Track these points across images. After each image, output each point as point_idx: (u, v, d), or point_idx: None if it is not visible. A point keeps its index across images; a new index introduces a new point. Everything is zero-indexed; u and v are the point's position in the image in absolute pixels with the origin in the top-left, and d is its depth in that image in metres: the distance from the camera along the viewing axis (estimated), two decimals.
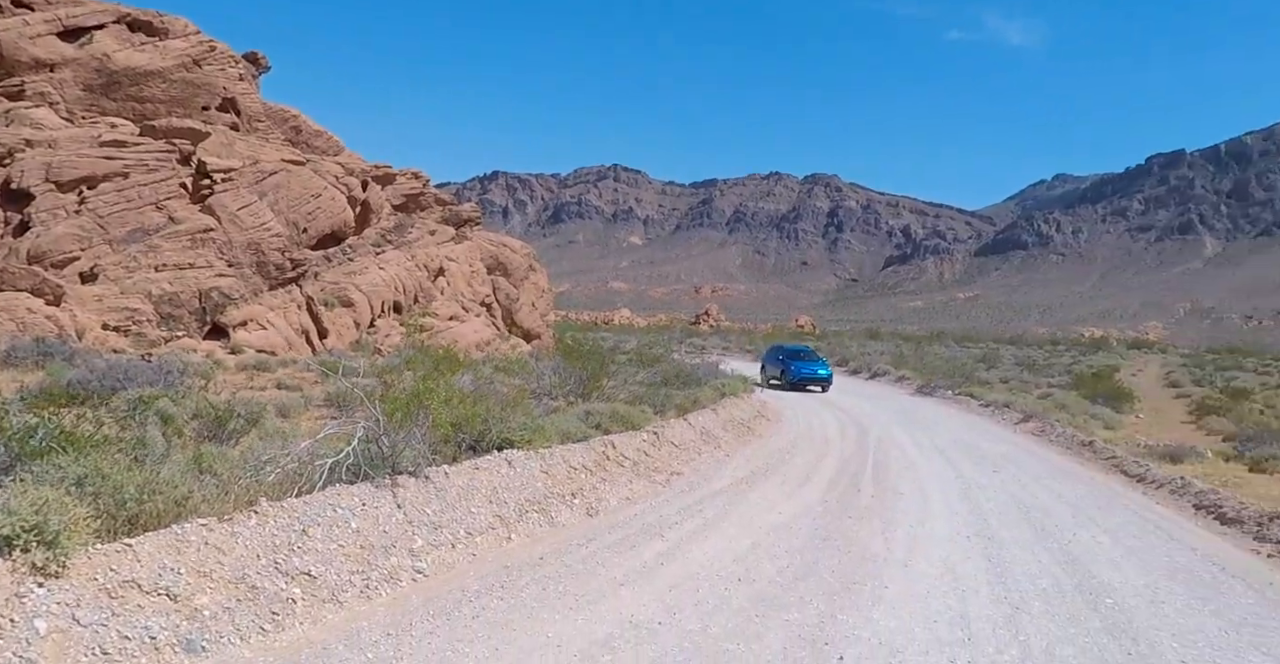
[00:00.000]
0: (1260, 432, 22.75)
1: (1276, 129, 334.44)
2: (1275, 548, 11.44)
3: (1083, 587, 8.49)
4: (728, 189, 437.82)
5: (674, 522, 9.76)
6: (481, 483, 8.73)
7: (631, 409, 16.01)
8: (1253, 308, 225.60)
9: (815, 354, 37.78)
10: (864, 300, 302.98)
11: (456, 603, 6.19)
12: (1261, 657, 6.79)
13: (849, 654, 5.96)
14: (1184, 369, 47.65)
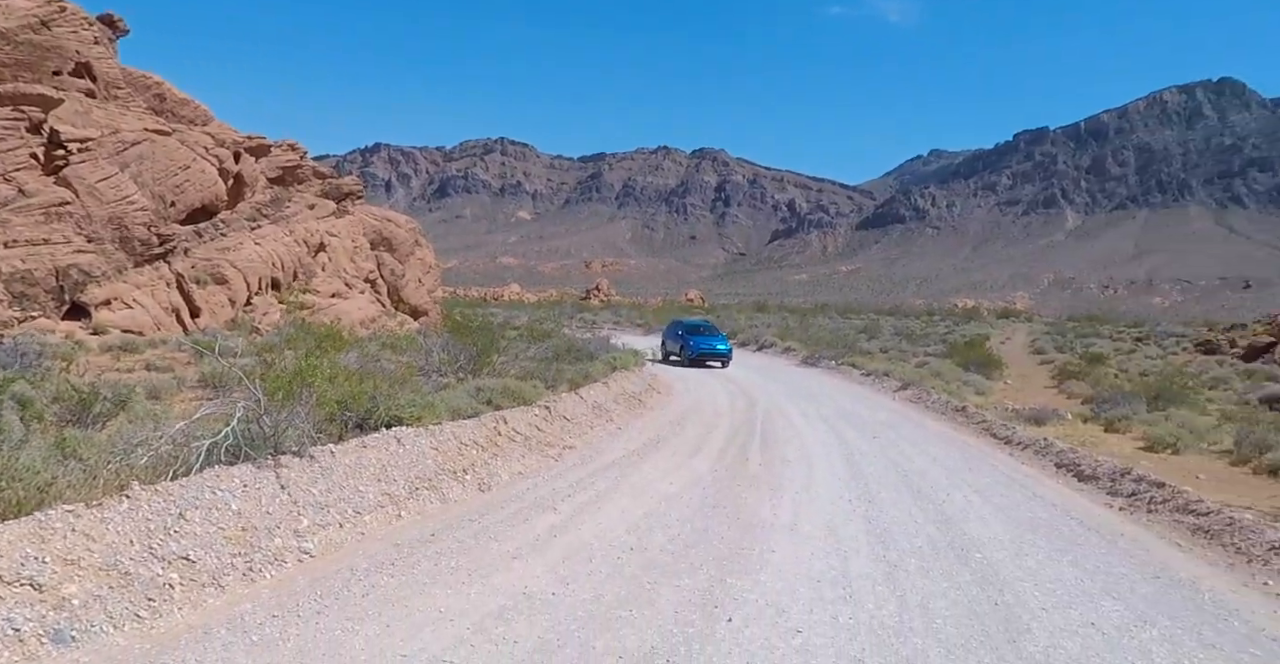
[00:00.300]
0: (1114, 394, 24.35)
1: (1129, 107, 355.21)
2: (1126, 501, 12.32)
3: (955, 543, 8.96)
4: (616, 163, 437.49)
5: (567, 494, 9.81)
6: (370, 461, 8.57)
7: (523, 384, 15.95)
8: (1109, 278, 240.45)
9: (715, 329, 36.83)
10: (751, 274, 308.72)
11: (345, 582, 6.08)
12: (1112, 601, 7.32)
13: (737, 615, 6.15)
14: (1048, 337, 50.50)
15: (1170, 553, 9.50)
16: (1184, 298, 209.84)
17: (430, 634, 5.27)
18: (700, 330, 35.17)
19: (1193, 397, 25.06)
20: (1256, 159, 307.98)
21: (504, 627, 5.50)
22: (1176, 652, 6.15)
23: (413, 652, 4.99)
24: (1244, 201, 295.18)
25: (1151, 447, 18.19)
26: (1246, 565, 9.00)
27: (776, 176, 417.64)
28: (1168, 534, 10.46)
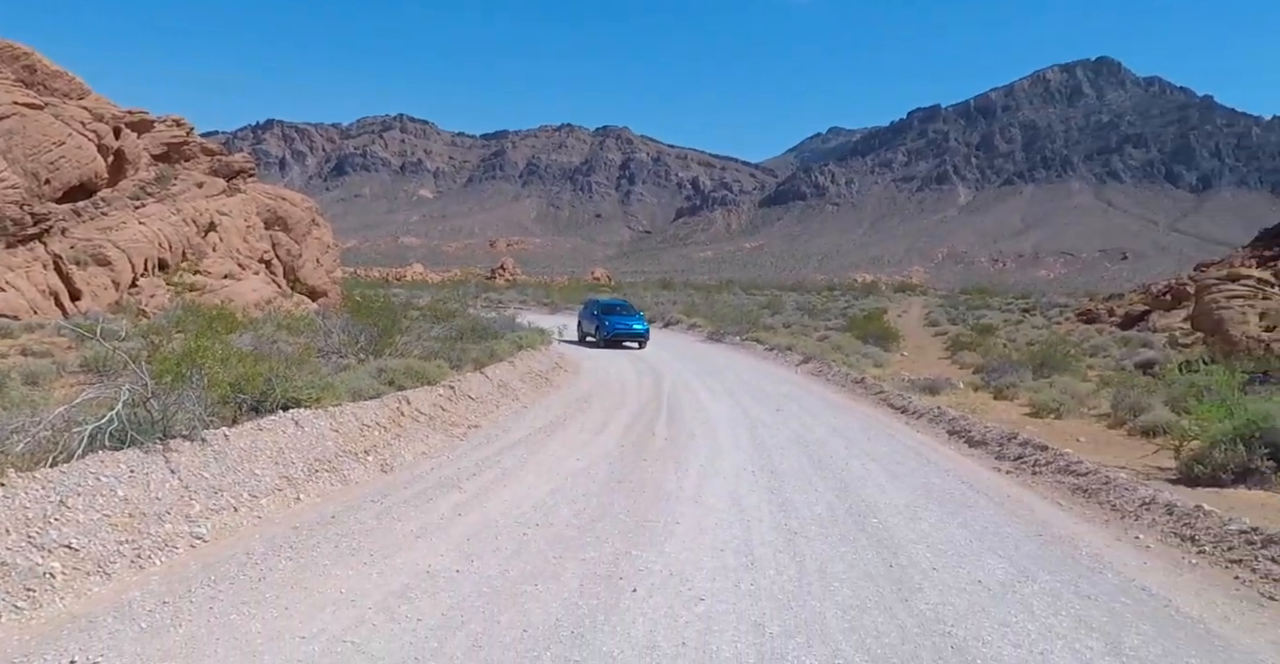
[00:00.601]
0: (1002, 363, 25.44)
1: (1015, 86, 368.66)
2: (1012, 465, 12.94)
3: (853, 510, 9.26)
4: (520, 141, 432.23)
5: (472, 473, 9.75)
6: (266, 444, 8.33)
7: (426, 364, 15.72)
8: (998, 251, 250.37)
9: (631, 308, 35.99)
10: (657, 252, 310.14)
11: (241, 566, 5.92)
12: (998, 559, 7.69)
13: (641, 586, 6.24)
14: (942, 310, 52.35)
15: (1052, 512, 10.02)
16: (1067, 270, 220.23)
17: (330, 615, 5.19)
18: (616, 310, 34.24)
19: (1074, 364, 26.37)
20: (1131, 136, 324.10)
21: (407, 605, 5.46)
22: (1055, 604, 6.51)
23: (312, 633, 4.91)
24: (1121, 176, 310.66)
25: (1037, 412, 19.10)
26: (1120, 521, 9.58)
27: (680, 154, 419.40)
28: (1050, 494, 11.03)
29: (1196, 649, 5.72)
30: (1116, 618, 6.26)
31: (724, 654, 5.08)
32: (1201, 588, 7.24)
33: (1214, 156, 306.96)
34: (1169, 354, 28.36)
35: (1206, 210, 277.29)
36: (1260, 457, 11.48)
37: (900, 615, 6.00)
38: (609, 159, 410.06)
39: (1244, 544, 8.11)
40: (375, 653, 4.72)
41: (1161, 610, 6.53)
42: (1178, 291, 42.59)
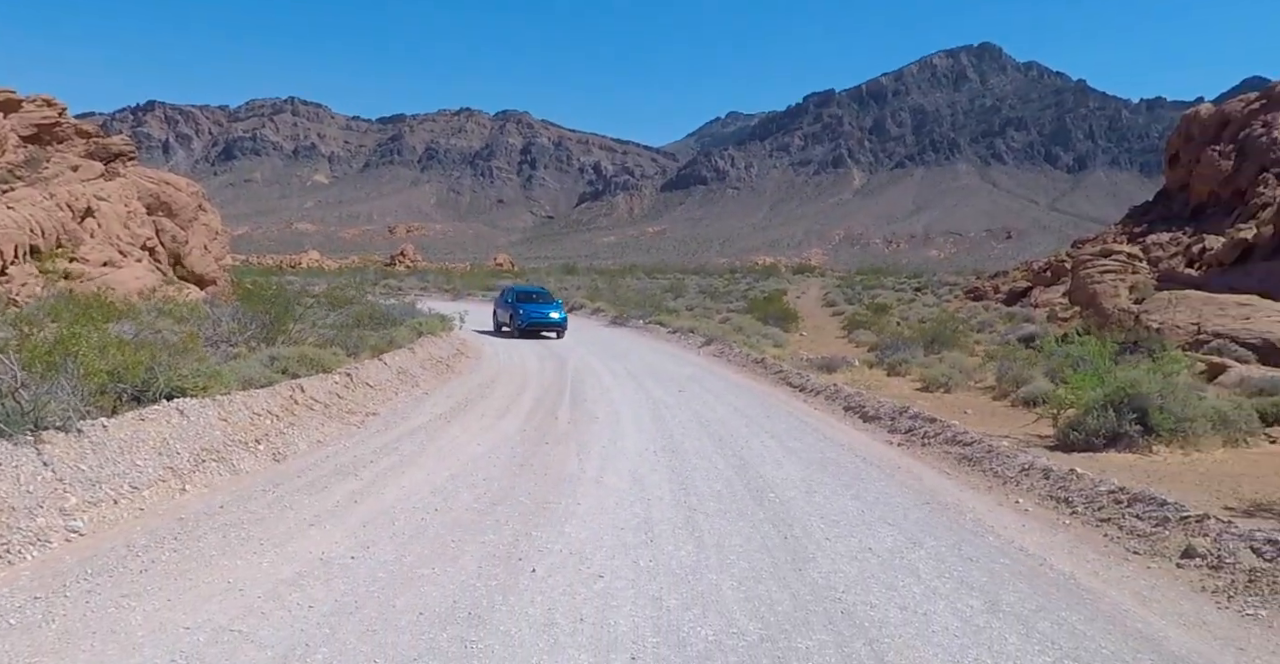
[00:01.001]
0: (895, 341, 26.29)
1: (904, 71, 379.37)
2: (904, 437, 13.41)
3: (751, 486, 9.45)
4: (418, 125, 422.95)
5: (369, 461, 9.56)
6: (149, 434, 8.00)
7: (322, 352, 15.32)
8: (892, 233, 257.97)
9: (550, 296, 33.49)
10: (560, 237, 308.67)
11: (121, 559, 5.69)
12: (888, 527, 7.98)
13: (541, 566, 6.25)
14: (839, 290, 53.72)
15: (939, 481, 10.44)
16: (956, 249, 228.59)
17: (217, 605, 5.03)
18: (533, 298, 31.93)
19: (963, 340, 27.45)
20: (1013, 119, 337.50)
21: (299, 593, 5.33)
22: (940, 567, 6.80)
23: (196, 624, 4.75)
24: (1004, 158, 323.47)
25: (927, 387, 19.85)
26: (1002, 487, 10.05)
27: (582, 139, 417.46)
28: (938, 464, 11.48)
29: (1067, 602, 6.06)
30: (996, 577, 6.58)
31: (621, 628, 5.14)
32: (1074, 546, 7.66)
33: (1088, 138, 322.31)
34: (1049, 328, 29.80)
35: (1082, 190, 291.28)
36: (1129, 421, 12.21)
37: (794, 584, 6.17)
38: (510, 144, 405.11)
39: (1112, 503, 8.61)
40: (264, 641, 4.61)
41: (1037, 569, 6.89)
42: (1056, 268, 44.69)
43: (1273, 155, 41.41)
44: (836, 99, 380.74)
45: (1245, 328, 23.38)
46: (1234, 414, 12.97)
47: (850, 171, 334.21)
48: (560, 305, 31.74)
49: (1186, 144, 48.50)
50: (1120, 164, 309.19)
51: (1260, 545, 6.78)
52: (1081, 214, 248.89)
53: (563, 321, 29.98)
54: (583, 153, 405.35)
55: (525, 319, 29.42)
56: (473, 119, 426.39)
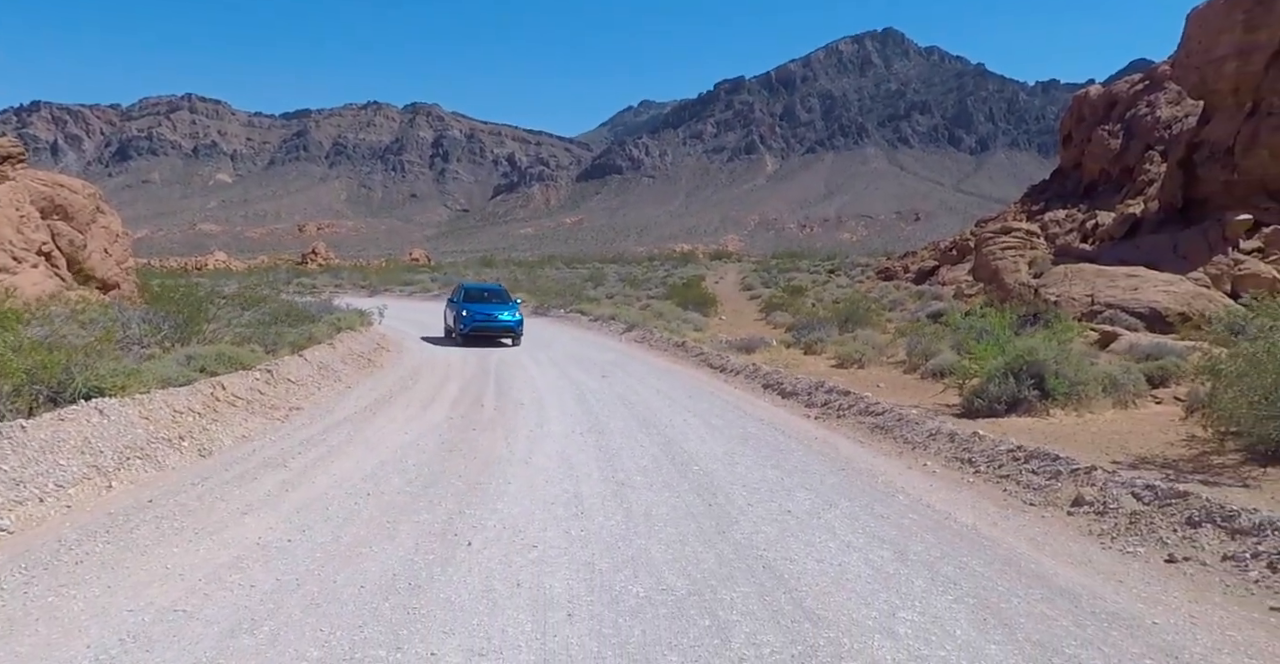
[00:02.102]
0: (811, 321, 27.05)
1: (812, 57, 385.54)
2: (820, 411, 13.96)
3: (676, 460, 9.80)
4: (324, 120, 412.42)
5: (296, 452, 9.60)
6: (70, 434, 7.92)
7: (239, 350, 15.17)
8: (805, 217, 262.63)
9: (505, 294, 27.90)
10: (476, 230, 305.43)
11: (54, 553, 5.70)
12: (805, 492, 8.40)
13: (476, 540, 6.47)
14: (755, 274, 54.66)
15: (854, 449, 10.96)
16: (867, 232, 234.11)
17: (158, 589, 5.12)
18: (484, 296, 26.81)
19: (875, 318, 28.39)
20: (918, 103, 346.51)
21: (239, 575, 5.45)
22: (854, 524, 7.24)
23: (139, 607, 4.84)
24: (910, 142, 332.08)
25: (842, 363, 20.53)
26: (911, 452, 10.62)
27: (494, 131, 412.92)
28: (852, 434, 12.04)
29: (969, 550, 6.55)
30: (905, 531, 7.05)
31: (557, 590, 5.40)
32: (976, 501, 8.22)
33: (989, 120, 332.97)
34: (956, 305, 31.02)
35: (985, 171, 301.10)
36: (1027, 387, 12.97)
37: (719, 545, 6.51)
38: (420, 137, 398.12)
39: (1011, 461, 9.23)
40: (209, 618, 4.73)
41: (943, 522, 7.39)
42: (961, 247, 46.35)
43: (1156, 134, 43.66)
44: (747, 86, 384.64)
45: (1134, 298, 24.75)
46: (1123, 378, 13.87)
47: (763, 158, 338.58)
48: (516, 306, 26.32)
49: (1079, 124, 50.74)
50: (1019, 145, 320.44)
51: (1140, 491, 7.41)
52: (985, 194, 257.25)
53: (516, 324, 24.93)
54: (496, 145, 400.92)
55: (469, 322, 24.43)
56: (381, 112, 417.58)
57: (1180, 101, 43.43)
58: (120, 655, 4.24)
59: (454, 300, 26.59)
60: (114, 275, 42.96)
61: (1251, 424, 9.28)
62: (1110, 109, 48.99)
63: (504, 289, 28.85)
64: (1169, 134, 42.45)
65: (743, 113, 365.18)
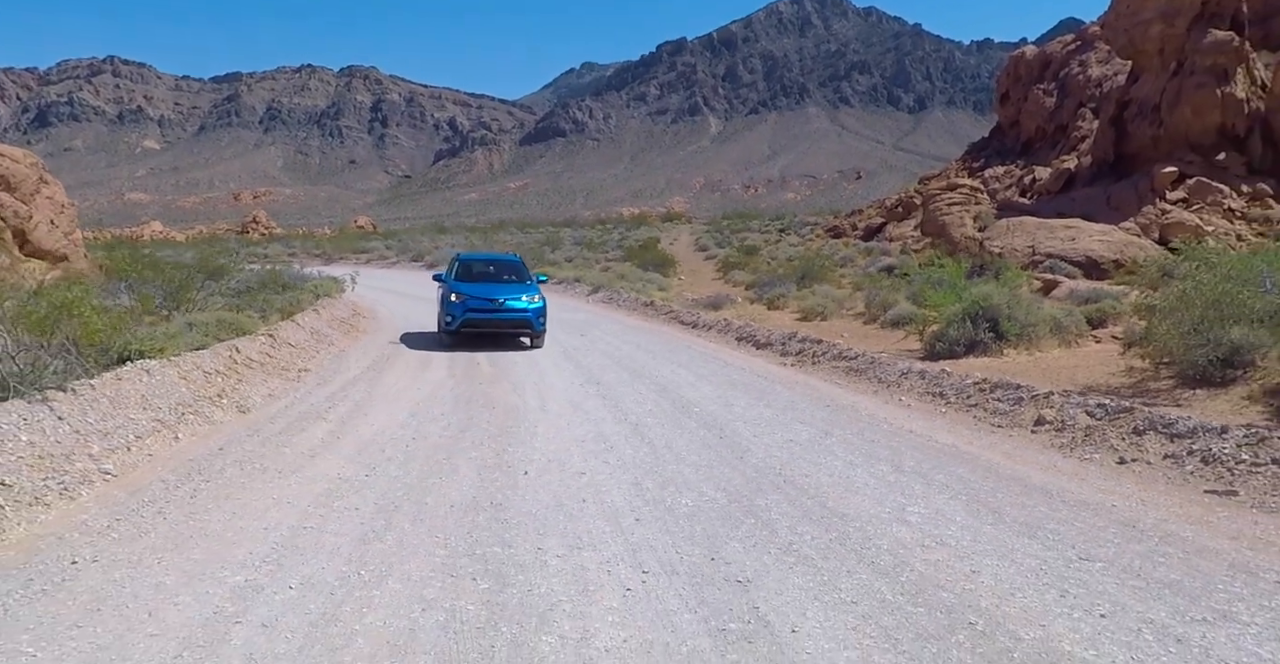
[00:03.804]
0: (771, 278, 28.19)
1: (753, 18, 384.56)
2: (795, 358, 15.03)
3: (676, 404, 10.75)
4: (256, 84, 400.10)
5: (327, 407, 10.33)
6: (129, 392, 8.58)
7: (238, 316, 15.67)
8: (749, 178, 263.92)
9: (520, 267, 19.05)
10: (420, 196, 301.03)
11: (165, 490, 6.45)
12: (801, 425, 9.43)
13: (530, 469, 7.36)
14: (708, 235, 55.60)
15: (834, 389, 12.05)
16: (811, 191, 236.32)
17: (278, 513, 5.93)
18: (488, 271, 18.64)
19: (829, 274, 29.64)
20: (857, 63, 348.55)
21: (340, 501, 6.28)
22: (850, 448, 8.29)
23: (271, 526, 5.66)
24: (850, 102, 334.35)
25: (806, 317, 21.70)
26: (886, 390, 11.74)
27: (434, 94, 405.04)
28: (829, 377, 13.13)
29: (953, 463, 7.64)
30: (895, 451, 8.12)
31: (618, 503, 6.34)
32: (951, 426, 9.34)
33: (926, 80, 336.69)
34: (904, 260, 32.41)
35: (923, 129, 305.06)
36: (983, 330, 14.19)
37: (741, 468, 7.51)
38: (358, 101, 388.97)
39: (977, 392, 10.38)
40: (337, 531, 5.58)
41: (926, 443, 8.49)
42: (907, 204, 47.80)
43: (1088, 92, 45.38)
44: (689, 47, 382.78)
45: (1072, 248, 26.30)
46: (1066, 320, 15.18)
47: (706, 119, 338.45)
48: (535, 287, 17.47)
49: (1015, 84, 52.32)
50: (956, 103, 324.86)
51: (1092, 409, 8.58)
52: (924, 152, 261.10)
53: (535, 314, 16.51)
54: (436, 109, 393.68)
55: (459, 311, 16.40)
56: (316, 76, 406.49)
57: (1109, 61, 45.14)
58: (281, 559, 5.07)
59: (445, 278, 17.85)
60: (62, 247, 42.30)
61: (1182, 353, 10.55)
62: (1045, 68, 50.61)
63: (520, 261, 19.51)
64: (1099, 92, 44.17)
65: (686, 74, 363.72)
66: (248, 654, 3.80)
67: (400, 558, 5.06)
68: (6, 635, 3.96)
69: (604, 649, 3.88)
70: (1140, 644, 3.89)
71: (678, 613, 4.28)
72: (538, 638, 3.99)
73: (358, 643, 3.91)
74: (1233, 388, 9.88)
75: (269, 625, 4.09)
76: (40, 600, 4.38)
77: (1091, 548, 5.22)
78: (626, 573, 4.83)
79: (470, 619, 4.19)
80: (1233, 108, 29.07)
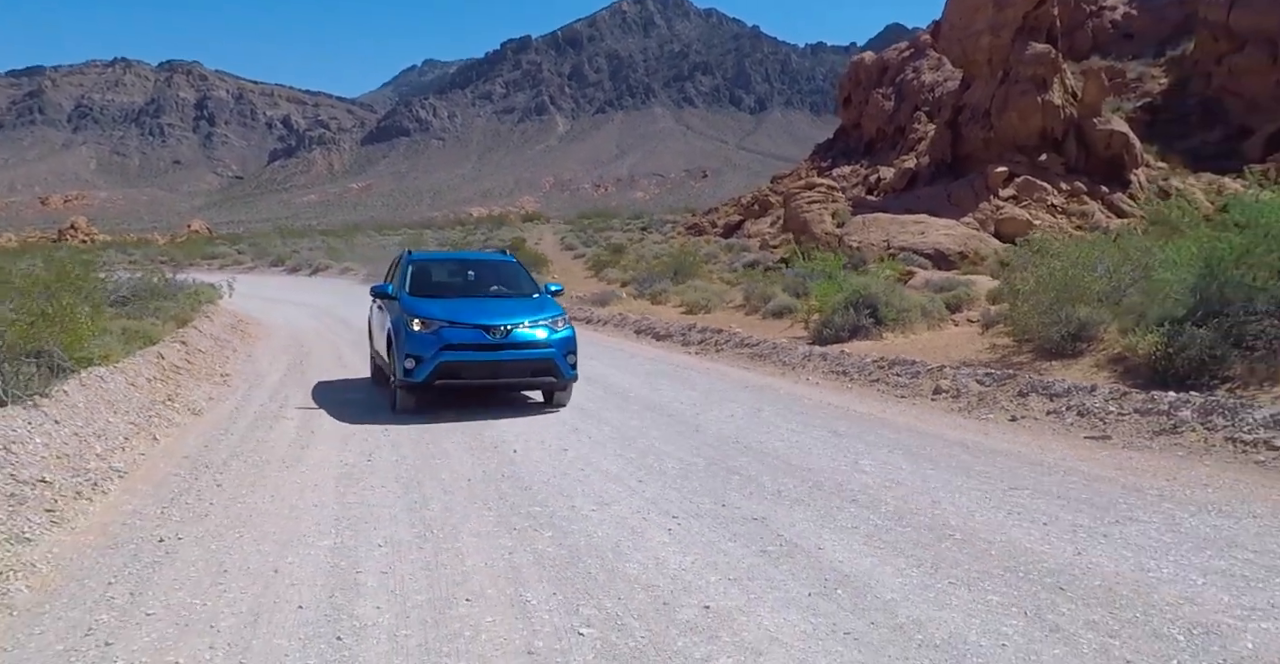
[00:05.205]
0: (649, 274, 29.41)
1: (597, 17, 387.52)
2: (699, 347, 16.21)
3: (611, 392, 11.60)
4: (62, 79, 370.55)
5: (279, 406, 10.63)
6: (95, 398, 8.74)
7: (142, 324, 15.41)
8: (599, 177, 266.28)
9: (517, 273, 12.63)
10: (255, 198, 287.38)
11: (186, 481, 6.83)
12: (732, 403, 10.51)
13: (516, 448, 8.10)
14: (571, 234, 56.48)
15: (745, 373, 13.25)
16: (660, 190, 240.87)
17: (314, 495, 6.47)
18: (466, 281, 12.21)
19: (700, 269, 31.14)
20: (700, 63, 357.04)
21: (361, 482, 6.85)
22: (786, 418, 9.43)
23: (316, 503, 6.21)
24: (694, 102, 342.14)
25: (690, 310, 22.96)
26: (793, 371, 13.04)
27: (266, 91, 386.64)
28: (736, 363, 14.35)
29: (879, 427, 8.91)
30: (825, 420, 9.33)
31: (614, 470, 7.22)
32: (862, 399, 10.68)
33: (765, 81, 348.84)
34: (765, 255, 34.40)
35: (764, 129, 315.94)
36: (864, 316, 15.77)
37: (702, 438, 8.51)
38: (181, 98, 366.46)
39: (877, 369, 11.80)
40: (380, 503, 6.21)
41: (847, 413, 9.76)
42: (763, 202, 50.23)
43: (923, 96, 49.06)
44: (534, 45, 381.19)
45: (922, 241, 28.77)
46: (930, 306, 17.00)
47: (554, 118, 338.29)
48: (551, 304, 11.34)
49: (856, 88, 55.79)
50: (793, 104, 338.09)
51: (981, 378, 10.09)
52: (765, 152, 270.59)
53: (559, 351, 10.34)
54: (269, 106, 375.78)
55: (433, 347, 9.78)
56: (132, 71, 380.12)
57: (940, 68, 48.97)
58: (351, 527, 5.66)
59: (389, 292, 11.30)
60: None
61: (1040, 330, 12.31)
62: (883, 74, 54.24)
63: (516, 262, 13.20)
64: (933, 96, 47.88)
65: (531, 73, 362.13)
66: (390, 590, 4.49)
67: (458, 519, 5.78)
68: (156, 597, 4.47)
69: (681, 568, 4.79)
70: (1078, 539, 5.14)
71: (722, 542, 5.24)
72: (622, 565, 4.85)
73: (475, 579, 4.65)
74: (1082, 358, 11.64)
75: (388, 572, 4.77)
76: (162, 569, 4.88)
77: (1015, 481, 6.52)
78: (659, 520, 5.74)
79: (557, 556, 5.00)
80: (1051, 114, 32.48)
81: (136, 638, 3.96)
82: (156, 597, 4.47)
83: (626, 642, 3.85)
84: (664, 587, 4.51)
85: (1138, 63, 45.52)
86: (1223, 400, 7.80)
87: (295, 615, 4.20)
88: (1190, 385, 8.84)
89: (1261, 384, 8.61)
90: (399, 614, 4.18)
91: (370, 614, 4.18)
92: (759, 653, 3.71)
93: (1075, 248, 14.36)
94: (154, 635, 3.99)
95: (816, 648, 3.75)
